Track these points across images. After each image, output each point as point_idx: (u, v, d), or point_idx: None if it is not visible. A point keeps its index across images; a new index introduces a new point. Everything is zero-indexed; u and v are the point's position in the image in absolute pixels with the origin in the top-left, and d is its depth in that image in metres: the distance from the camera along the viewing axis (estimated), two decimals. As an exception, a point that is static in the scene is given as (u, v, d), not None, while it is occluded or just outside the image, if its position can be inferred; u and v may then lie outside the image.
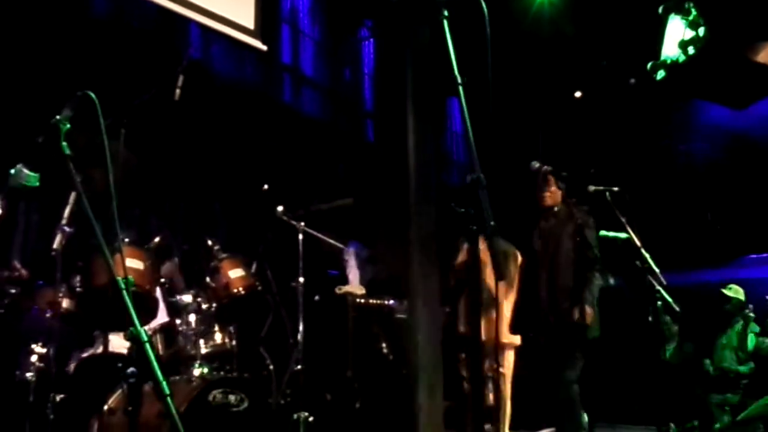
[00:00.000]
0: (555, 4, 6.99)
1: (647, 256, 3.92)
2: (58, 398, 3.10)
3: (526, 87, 7.95)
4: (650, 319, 3.98)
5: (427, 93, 6.52)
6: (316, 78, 6.48)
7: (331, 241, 4.84)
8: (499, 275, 1.29)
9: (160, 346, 3.60)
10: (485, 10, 1.72)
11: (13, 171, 1.67)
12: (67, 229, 3.10)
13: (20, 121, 3.84)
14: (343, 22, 6.71)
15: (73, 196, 3.15)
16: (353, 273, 4.81)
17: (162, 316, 3.73)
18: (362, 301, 4.35)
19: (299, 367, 4.07)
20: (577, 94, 8.67)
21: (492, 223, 1.31)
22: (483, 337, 4.15)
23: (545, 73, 7.92)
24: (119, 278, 1.43)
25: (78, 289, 3.20)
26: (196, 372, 3.41)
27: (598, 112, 8.20)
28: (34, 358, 3.31)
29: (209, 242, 3.79)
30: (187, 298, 3.59)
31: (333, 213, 4.88)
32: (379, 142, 6.54)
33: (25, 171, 1.67)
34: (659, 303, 4.00)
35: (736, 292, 6.07)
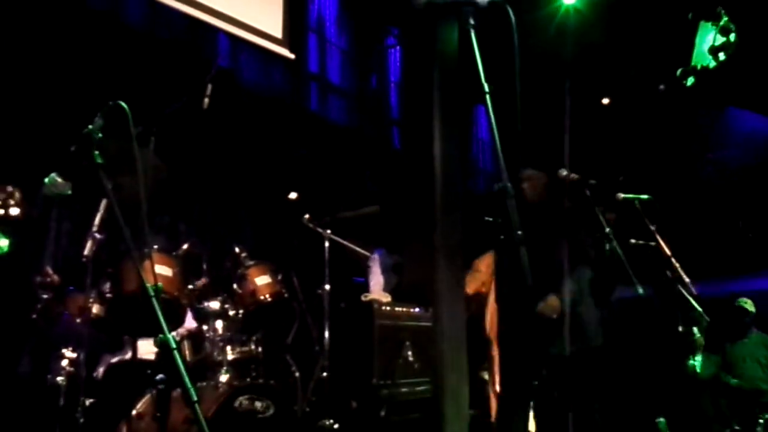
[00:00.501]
0: (580, 10, 6.94)
1: (677, 265, 3.86)
2: (87, 402, 3.14)
3: (553, 94, 7.90)
4: (680, 329, 3.91)
5: (453, 100, 6.52)
6: (342, 86, 6.51)
7: (357, 248, 4.85)
8: (527, 284, 1.28)
9: (187, 352, 3.63)
10: (512, 18, 1.71)
11: (47, 180, 1.71)
12: (97, 236, 3.15)
13: (53, 131, 3.92)
14: (369, 30, 6.74)
15: (103, 203, 3.20)
16: (375, 280, 4.81)
17: (189, 322, 3.77)
18: (388, 308, 4.34)
19: (325, 374, 4.08)
20: (605, 101, 8.59)
21: (519, 232, 1.30)
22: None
23: (573, 80, 7.86)
24: (149, 285, 1.45)
25: (108, 295, 3.24)
26: (223, 378, 3.43)
27: (627, 119, 8.12)
28: (64, 362, 3.37)
29: (236, 249, 3.82)
30: (214, 304, 3.62)
31: (359, 220, 4.89)
32: (406, 149, 6.55)
33: (59, 180, 1.71)
34: (689, 314, 3.94)
35: (751, 305, 5.97)
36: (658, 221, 4.00)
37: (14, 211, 1.96)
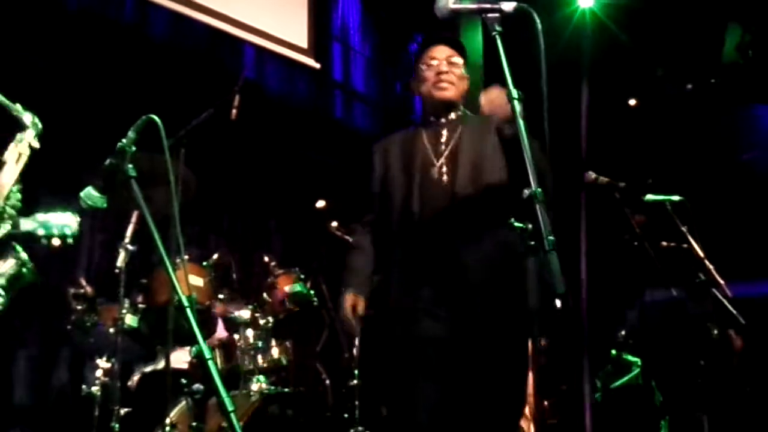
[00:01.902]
0: (596, 13, 6.89)
1: (711, 267, 3.80)
2: (122, 412, 3.18)
3: (578, 96, 7.84)
4: (714, 333, 3.85)
5: (477, 105, 6.51)
6: (366, 93, 6.53)
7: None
8: (559, 290, 1.27)
9: (218, 361, 3.66)
10: (538, 24, 1.71)
11: (82, 194, 1.74)
12: (130, 247, 3.20)
13: (85, 143, 3.99)
14: (393, 37, 6.76)
15: (135, 215, 3.25)
16: None
17: (220, 332, 3.80)
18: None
19: (355, 381, 4.08)
20: (632, 102, 8.50)
21: (551, 238, 1.30)
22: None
23: (598, 81, 7.80)
24: (183, 296, 1.47)
25: (141, 306, 3.29)
26: (254, 386, 3.45)
27: (655, 119, 8.02)
28: (99, 372, 3.41)
29: (266, 258, 3.86)
30: (244, 313, 3.65)
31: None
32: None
33: (94, 193, 1.74)
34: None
35: None
36: (689, 223, 3.94)
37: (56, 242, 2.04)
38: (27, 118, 1.98)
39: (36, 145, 1.99)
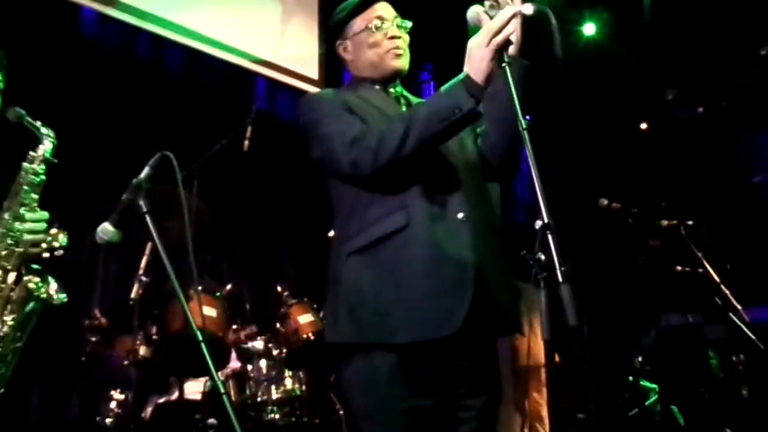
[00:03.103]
0: (598, 41, 6.94)
1: (727, 292, 3.76)
2: (136, 444, 3.18)
3: (589, 121, 7.85)
4: (733, 359, 3.80)
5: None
6: (378, 122, 6.58)
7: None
8: (572, 322, 1.26)
9: (232, 392, 3.65)
10: (554, 23, 1.69)
11: (98, 229, 1.77)
12: (144, 278, 3.22)
13: (100, 174, 4.04)
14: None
15: (149, 246, 3.27)
16: None
17: (233, 362, 3.80)
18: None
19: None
20: (643, 125, 8.50)
21: (563, 269, 1.29)
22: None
23: (609, 105, 7.82)
24: (198, 331, 1.48)
25: (154, 337, 3.30)
26: (268, 418, 3.44)
27: (666, 143, 8.01)
28: (112, 404, 3.42)
29: (278, 288, 3.86)
30: (258, 344, 3.65)
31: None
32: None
33: (110, 228, 1.76)
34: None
35: None
36: (704, 247, 3.92)
37: (59, 252, 2.04)
38: (43, 130, 2.00)
39: (52, 159, 2.00)
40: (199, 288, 3.22)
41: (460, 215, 1.81)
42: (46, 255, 1.99)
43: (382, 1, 2.07)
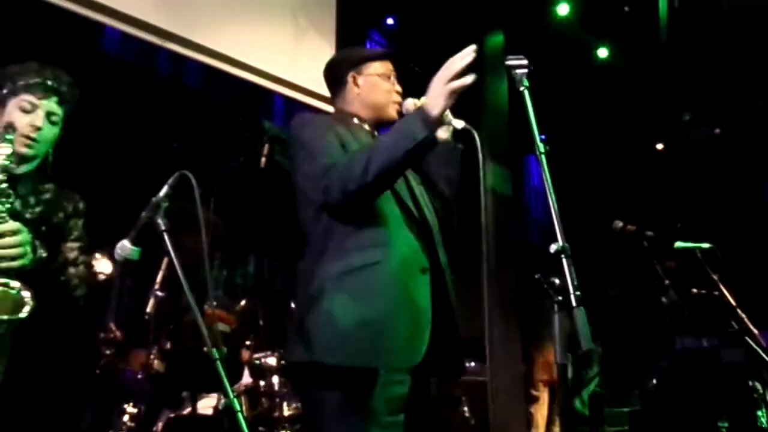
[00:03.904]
0: (617, 59, 6.95)
1: (744, 316, 3.73)
2: (148, 458, 3.18)
3: (605, 143, 7.85)
4: (750, 384, 3.76)
5: (503, 152, 6.55)
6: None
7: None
8: (586, 346, 1.27)
9: (244, 408, 3.65)
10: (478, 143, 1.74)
11: (117, 246, 1.79)
12: (159, 293, 3.24)
13: (120, 192, 4.09)
14: (419, 86, 6.86)
15: (165, 261, 3.30)
16: None
17: (246, 378, 3.80)
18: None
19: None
20: (659, 146, 8.48)
21: (578, 293, 1.30)
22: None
23: (624, 127, 7.81)
24: (212, 349, 1.49)
25: (168, 352, 3.31)
26: (280, 435, 3.44)
27: (682, 164, 7.99)
28: (125, 418, 3.43)
29: (292, 305, 3.86)
30: (270, 360, 3.65)
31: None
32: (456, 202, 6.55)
33: (128, 246, 1.79)
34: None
35: None
36: (720, 270, 3.89)
37: (101, 277, 2.07)
38: None
39: (10, 166, 1.95)
40: (214, 303, 3.24)
41: (424, 266, 1.99)
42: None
43: (390, 61, 2.30)
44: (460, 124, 2.12)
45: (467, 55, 1.81)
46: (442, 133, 2.11)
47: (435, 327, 1.93)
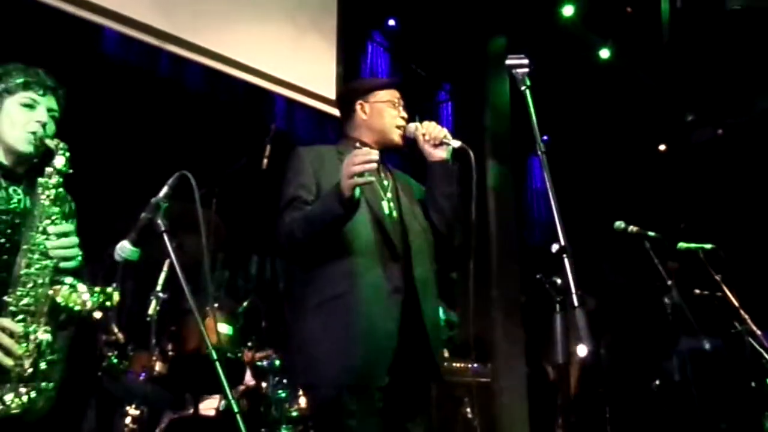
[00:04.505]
0: (620, 60, 6.94)
1: (746, 316, 3.72)
2: (150, 459, 3.18)
3: (607, 142, 7.84)
4: (753, 384, 3.74)
5: (506, 153, 6.55)
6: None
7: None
8: (587, 346, 1.26)
9: (245, 409, 3.65)
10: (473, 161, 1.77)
11: (117, 247, 1.79)
12: (161, 295, 3.24)
13: (120, 193, 4.08)
14: (420, 87, 6.86)
15: (167, 263, 3.30)
16: None
17: (248, 379, 3.80)
18: (446, 364, 4.29)
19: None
20: (662, 147, 8.46)
21: (579, 292, 1.29)
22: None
23: (626, 126, 7.80)
24: (212, 349, 1.49)
25: (170, 354, 3.31)
26: (281, 436, 3.44)
27: (685, 164, 7.97)
28: (128, 420, 3.43)
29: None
30: (273, 361, 3.65)
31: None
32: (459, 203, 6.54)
33: (128, 246, 1.79)
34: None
35: None
36: (724, 271, 3.88)
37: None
38: (53, 143, 2.02)
39: (68, 171, 2.01)
40: (215, 305, 3.24)
41: (397, 286, 2.18)
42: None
43: (396, 90, 2.52)
44: (457, 143, 2.32)
45: (369, 161, 2.01)
46: (441, 153, 2.34)
47: (405, 342, 2.14)
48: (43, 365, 1.88)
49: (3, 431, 1.81)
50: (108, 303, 2.02)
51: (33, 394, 1.85)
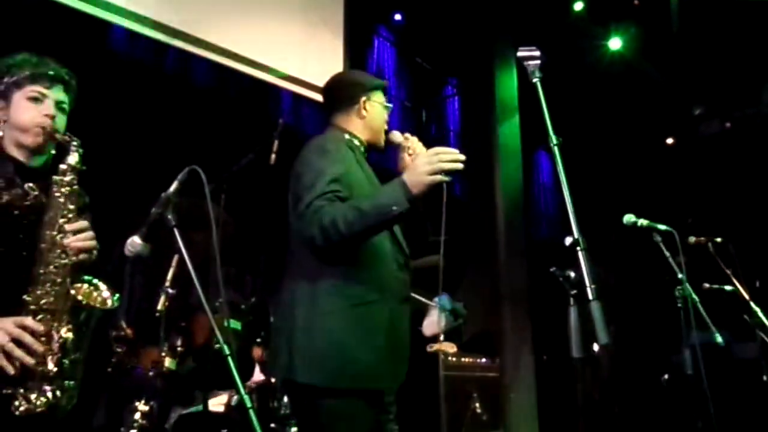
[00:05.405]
0: (624, 55, 6.89)
1: (757, 309, 3.70)
2: (160, 455, 3.18)
3: (615, 136, 7.81)
4: (765, 378, 3.72)
5: (515, 148, 6.53)
6: (402, 136, 6.59)
7: (420, 298, 4.82)
8: (602, 340, 1.25)
9: (255, 405, 3.65)
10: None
11: (128, 242, 1.79)
12: (170, 290, 3.24)
13: (130, 188, 4.09)
14: (427, 81, 6.85)
15: (176, 258, 3.30)
16: (428, 321, 4.75)
17: (257, 375, 3.80)
18: (454, 359, 4.29)
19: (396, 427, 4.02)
20: (670, 140, 8.43)
21: (593, 286, 1.28)
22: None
23: (635, 120, 7.76)
24: (223, 344, 1.48)
25: (179, 349, 3.31)
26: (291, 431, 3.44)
27: (693, 158, 7.93)
28: (137, 415, 3.43)
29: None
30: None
31: (421, 271, 4.87)
32: (467, 198, 6.55)
33: (138, 241, 1.78)
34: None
35: None
36: (733, 264, 3.86)
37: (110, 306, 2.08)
38: (65, 139, 2.02)
39: (82, 167, 2.01)
40: (224, 301, 3.24)
41: (406, 296, 2.30)
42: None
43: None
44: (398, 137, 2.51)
45: (457, 159, 2.01)
46: None
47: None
48: (66, 364, 1.87)
49: (26, 429, 1.81)
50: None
51: (58, 393, 1.84)
